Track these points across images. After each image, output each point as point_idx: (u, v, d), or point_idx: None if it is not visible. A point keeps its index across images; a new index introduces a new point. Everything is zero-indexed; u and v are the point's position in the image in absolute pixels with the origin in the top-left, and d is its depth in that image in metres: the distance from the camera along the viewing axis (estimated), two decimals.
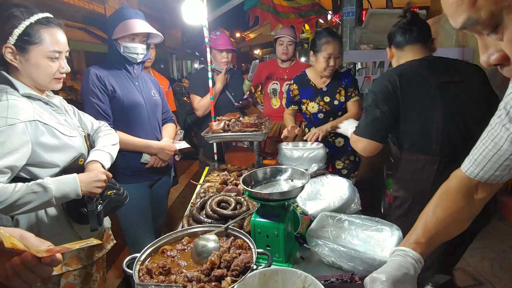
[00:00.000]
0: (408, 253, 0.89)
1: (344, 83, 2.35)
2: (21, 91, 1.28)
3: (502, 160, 0.85)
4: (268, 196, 1.15)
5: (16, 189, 1.18)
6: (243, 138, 2.06)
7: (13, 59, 1.26)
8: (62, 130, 1.34)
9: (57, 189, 1.24)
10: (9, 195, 1.15)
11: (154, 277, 0.97)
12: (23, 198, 1.17)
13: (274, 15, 4.16)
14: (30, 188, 1.19)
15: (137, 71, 2.04)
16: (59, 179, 1.26)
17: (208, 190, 1.76)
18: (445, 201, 0.95)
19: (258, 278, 0.94)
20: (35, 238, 0.69)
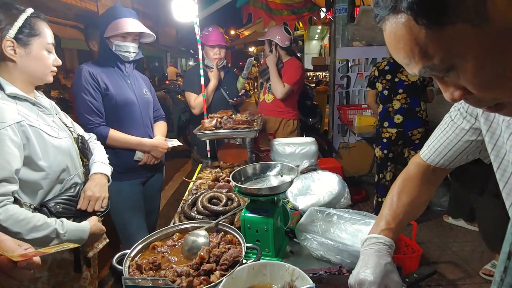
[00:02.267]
0: (380, 240, 0.92)
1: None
2: (7, 91, 1.24)
3: (461, 149, 0.92)
4: (257, 191, 1.17)
5: (42, 225, 1.17)
6: (235, 135, 2.07)
7: (14, 53, 1.24)
8: (49, 132, 1.32)
9: (68, 236, 1.24)
10: (33, 224, 1.16)
11: (144, 273, 0.98)
12: (40, 238, 1.18)
13: (267, 12, 4.16)
14: (48, 231, 1.19)
15: (128, 69, 2.04)
16: (76, 229, 1.27)
17: (200, 187, 1.77)
18: (408, 187, 1.01)
19: (247, 272, 0.95)
20: (11, 241, 0.69)
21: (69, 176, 1.38)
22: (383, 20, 0.52)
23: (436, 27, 0.46)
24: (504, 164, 0.73)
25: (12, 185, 1.16)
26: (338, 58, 4.14)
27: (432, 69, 0.51)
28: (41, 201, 1.29)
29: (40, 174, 1.27)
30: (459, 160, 0.96)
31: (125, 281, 0.75)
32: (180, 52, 15.58)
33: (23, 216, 1.15)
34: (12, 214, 1.13)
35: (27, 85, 1.33)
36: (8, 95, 1.25)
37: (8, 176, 1.15)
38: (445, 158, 0.96)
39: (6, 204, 1.13)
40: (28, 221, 1.15)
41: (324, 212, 1.33)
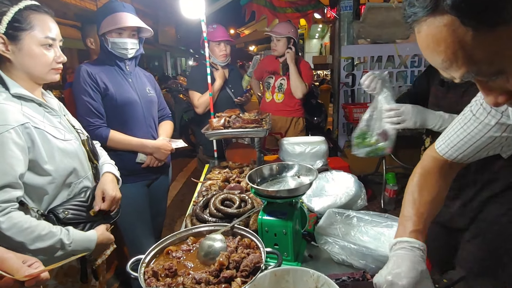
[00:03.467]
0: (414, 244, 0.84)
1: None
2: (12, 91, 1.18)
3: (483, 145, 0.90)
4: (275, 193, 1.12)
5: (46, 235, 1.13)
6: (244, 135, 2.02)
7: (5, 50, 1.17)
8: (55, 134, 1.26)
9: (72, 249, 1.20)
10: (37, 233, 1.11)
11: (161, 280, 0.93)
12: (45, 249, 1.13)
13: (271, 9, 4.11)
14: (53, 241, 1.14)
15: (129, 67, 1.97)
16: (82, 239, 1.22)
17: (210, 188, 1.72)
18: (429, 183, 0.97)
19: (269, 279, 0.91)
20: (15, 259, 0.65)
21: (77, 179, 1.33)
22: (418, 21, 0.48)
23: (486, 28, 0.42)
24: None
25: (16, 191, 1.11)
26: (343, 56, 4.09)
27: (478, 73, 0.47)
28: (47, 207, 1.24)
29: (45, 179, 1.22)
30: (479, 156, 0.93)
31: None
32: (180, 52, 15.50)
33: (28, 224, 1.10)
34: (16, 222, 1.08)
35: (31, 84, 1.26)
36: (13, 95, 1.19)
37: (12, 181, 1.09)
38: (464, 153, 0.93)
39: (10, 211, 1.08)
40: (33, 230, 1.10)
41: (343, 214, 1.28)
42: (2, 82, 1.19)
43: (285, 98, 3.04)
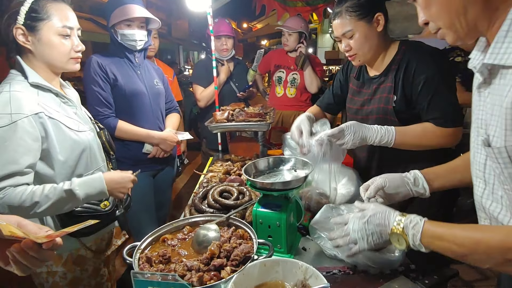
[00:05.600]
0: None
1: None
2: (30, 80, 1.20)
3: None
4: (270, 186, 1.13)
5: (45, 192, 1.15)
6: (247, 128, 2.03)
7: (26, 41, 1.19)
8: (69, 124, 1.27)
9: (85, 194, 1.22)
10: (37, 199, 1.13)
11: (154, 266, 0.96)
12: (54, 205, 1.16)
13: (281, 3, 4.07)
14: (59, 194, 1.17)
15: (138, 59, 2.01)
16: (86, 182, 1.23)
17: (211, 180, 1.75)
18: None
19: (259, 268, 0.92)
20: (33, 225, 0.69)
21: (88, 171, 1.34)
22: None
23: None
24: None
25: (23, 177, 1.14)
26: None
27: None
28: None
29: (56, 169, 1.23)
30: None
31: (134, 275, 0.73)
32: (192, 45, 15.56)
33: (28, 190, 1.12)
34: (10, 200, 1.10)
35: (50, 74, 1.28)
36: (31, 84, 1.21)
37: (18, 170, 1.12)
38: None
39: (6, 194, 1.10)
40: (32, 196, 1.12)
41: (339, 210, 1.27)
42: (22, 71, 1.22)
43: (297, 92, 3.04)
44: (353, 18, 1.34)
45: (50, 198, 1.15)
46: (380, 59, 1.44)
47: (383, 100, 1.42)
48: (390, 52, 1.42)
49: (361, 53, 1.40)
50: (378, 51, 1.42)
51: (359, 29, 1.36)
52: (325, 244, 1.12)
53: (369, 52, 1.40)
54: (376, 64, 1.46)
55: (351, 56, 1.43)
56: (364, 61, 1.46)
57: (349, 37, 1.38)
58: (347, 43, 1.40)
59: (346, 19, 1.36)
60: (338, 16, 1.38)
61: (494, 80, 0.74)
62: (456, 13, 0.72)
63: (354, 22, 1.35)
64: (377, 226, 0.89)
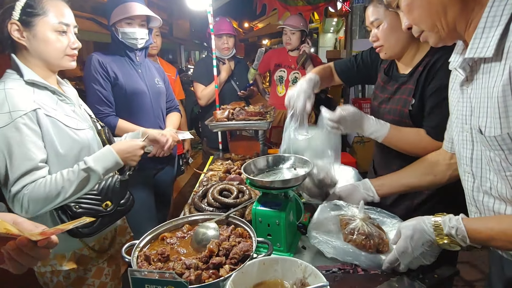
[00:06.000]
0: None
1: None
2: (26, 77, 1.18)
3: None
4: (270, 184, 1.12)
5: (65, 177, 1.17)
6: (247, 127, 2.03)
7: (20, 36, 1.18)
8: (67, 122, 1.25)
9: (103, 168, 1.24)
10: (61, 185, 1.15)
11: (153, 264, 0.96)
12: (78, 186, 1.19)
13: (282, 2, 4.07)
14: (79, 175, 1.19)
15: (140, 58, 2.00)
16: (99, 158, 1.24)
17: (211, 178, 1.74)
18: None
19: (258, 267, 0.92)
20: (28, 223, 0.69)
21: None
22: None
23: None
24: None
25: (41, 171, 1.15)
26: (355, 50, 4.03)
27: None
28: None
29: (54, 167, 1.22)
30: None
31: (132, 273, 0.72)
32: (194, 45, 15.54)
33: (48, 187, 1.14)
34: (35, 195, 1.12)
35: (46, 71, 1.26)
36: (26, 82, 1.19)
37: (33, 166, 1.13)
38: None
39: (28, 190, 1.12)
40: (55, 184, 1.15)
41: (336, 209, 1.25)
42: (17, 69, 1.20)
43: None
44: (381, 7, 1.28)
45: (73, 181, 1.18)
46: (410, 56, 1.34)
47: (402, 102, 1.34)
48: (421, 51, 1.32)
49: (387, 45, 1.32)
50: (407, 46, 1.32)
51: (387, 18, 1.28)
52: (325, 248, 1.10)
53: (396, 46, 1.32)
54: (405, 61, 1.37)
55: (378, 47, 1.35)
56: (391, 55, 1.36)
57: (377, 26, 1.31)
58: (374, 33, 1.33)
59: (376, 7, 1.29)
60: (370, 3, 1.32)
61: (477, 75, 0.80)
62: (437, 15, 0.78)
63: (384, 11, 1.27)
64: (424, 245, 0.89)
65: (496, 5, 0.72)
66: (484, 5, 0.74)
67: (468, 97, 0.84)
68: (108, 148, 1.28)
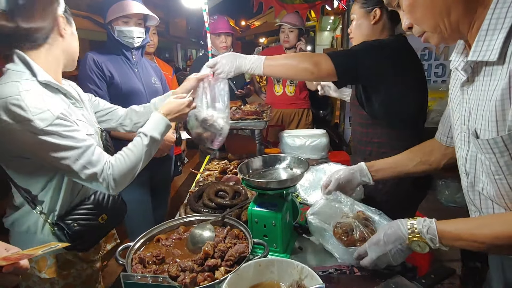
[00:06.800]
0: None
1: None
2: (40, 78, 1.06)
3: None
4: (266, 184, 1.12)
5: (138, 150, 1.21)
6: (243, 126, 2.02)
7: (63, 32, 1.13)
8: (81, 127, 1.15)
9: (159, 134, 1.26)
10: (140, 157, 1.20)
11: (147, 267, 0.95)
12: (146, 156, 1.23)
13: (278, 0, 4.04)
14: (146, 146, 1.22)
15: (136, 57, 1.98)
16: (154, 126, 1.26)
17: (207, 178, 1.73)
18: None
19: (253, 269, 0.91)
20: None
21: None
22: None
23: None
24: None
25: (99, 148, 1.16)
26: None
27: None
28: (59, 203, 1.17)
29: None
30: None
31: (125, 277, 0.71)
32: (190, 43, 15.48)
33: (130, 159, 1.18)
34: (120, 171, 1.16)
35: (57, 73, 1.18)
36: (40, 83, 1.07)
37: (93, 143, 1.13)
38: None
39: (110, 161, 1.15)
40: (136, 158, 1.19)
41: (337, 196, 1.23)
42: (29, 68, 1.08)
43: (296, 90, 3.03)
44: (358, 5, 1.54)
45: (144, 151, 1.21)
46: None
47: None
48: None
49: (355, 38, 1.58)
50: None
51: (357, 16, 1.54)
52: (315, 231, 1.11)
53: (360, 40, 1.52)
54: None
55: (351, 38, 1.61)
56: None
57: (352, 20, 1.58)
58: (350, 26, 1.61)
59: (355, 5, 1.55)
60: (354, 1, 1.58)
61: (478, 77, 0.79)
62: (440, 15, 0.77)
63: (358, 9, 1.54)
64: (396, 241, 0.90)
65: (500, 7, 0.71)
66: (487, 7, 0.72)
67: (468, 98, 0.84)
68: (157, 114, 1.29)
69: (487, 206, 0.87)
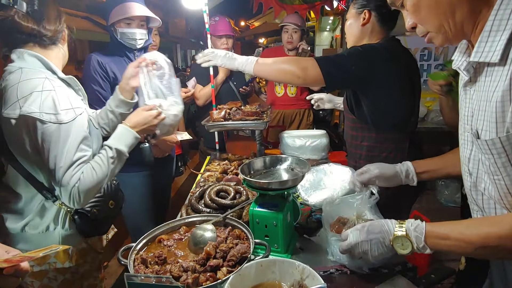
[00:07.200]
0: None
1: None
2: (60, 74, 1.20)
3: None
4: (267, 185, 1.12)
5: (104, 163, 1.21)
6: (244, 127, 2.02)
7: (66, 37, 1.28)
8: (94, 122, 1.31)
9: (126, 146, 1.28)
10: (106, 172, 1.20)
11: (150, 267, 0.95)
12: (114, 169, 1.25)
13: (278, 1, 4.04)
14: (112, 159, 1.23)
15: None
16: (119, 138, 1.27)
17: (208, 179, 1.74)
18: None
19: (255, 269, 0.92)
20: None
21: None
22: None
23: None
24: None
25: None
26: None
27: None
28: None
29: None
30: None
31: (128, 278, 0.72)
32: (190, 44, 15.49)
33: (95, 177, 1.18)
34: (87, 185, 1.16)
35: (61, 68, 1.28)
36: (61, 80, 1.20)
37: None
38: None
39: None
40: (101, 168, 1.20)
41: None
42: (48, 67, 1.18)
43: (297, 91, 3.04)
44: (351, 6, 1.61)
45: (110, 166, 1.22)
46: None
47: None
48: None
49: (347, 38, 1.68)
50: (358, 42, 1.58)
51: (349, 16, 1.63)
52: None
53: (350, 39, 1.64)
54: None
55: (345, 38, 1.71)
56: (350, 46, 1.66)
57: (346, 20, 1.67)
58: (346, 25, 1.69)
59: (351, 6, 1.62)
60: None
61: (480, 77, 0.79)
62: (444, 15, 0.76)
63: (351, 10, 1.61)
64: (378, 233, 0.89)
65: (503, 8, 0.70)
66: (491, 7, 0.72)
67: (470, 98, 0.84)
68: (123, 126, 1.30)
69: (489, 206, 0.86)
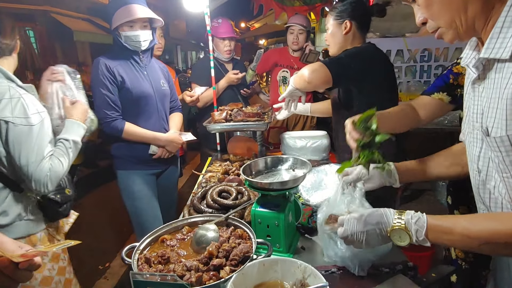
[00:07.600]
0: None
1: None
2: (19, 83, 1.26)
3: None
4: (269, 185, 1.13)
5: (67, 152, 1.38)
6: (245, 128, 2.03)
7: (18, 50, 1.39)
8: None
9: (79, 136, 1.44)
10: (68, 158, 1.38)
11: (153, 266, 0.96)
12: (74, 157, 1.41)
13: (278, 3, 4.06)
14: (72, 149, 1.40)
15: (145, 60, 2.00)
16: (70, 131, 1.43)
17: (209, 180, 1.75)
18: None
19: (257, 268, 0.93)
20: (12, 242, 0.68)
21: None
22: None
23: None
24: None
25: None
26: None
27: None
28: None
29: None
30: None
31: (134, 276, 0.73)
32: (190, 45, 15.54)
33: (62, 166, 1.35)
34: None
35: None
36: (20, 87, 1.28)
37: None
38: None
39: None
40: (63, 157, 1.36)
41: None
42: (7, 76, 1.25)
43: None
44: (331, 17, 1.73)
45: (70, 155, 1.39)
46: None
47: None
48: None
49: (330, 46, 1.79)
50: (342, 49, 1.71)
51: (330, 26, 1.75)
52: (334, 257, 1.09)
53: (334, 47, 1.76)
54: None
55: (328, 46, 1.82)
56: (333, 54, 1.78)
57: (327, 30, 1.78)
58: (326, 35, 1.82)
59: (329, 17, 1.74)
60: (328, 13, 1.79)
61: (489, 74, 0.78)
62: (457, 10, 0.75)
63: (331, 21, 1.73)
64: (376, 224, 0.86)
65: None
66: (504, 3, 0.71)
67: (480, 95, 0.82)
68: (72, 121, 1.46)
69: (496, 205, 0.85)
